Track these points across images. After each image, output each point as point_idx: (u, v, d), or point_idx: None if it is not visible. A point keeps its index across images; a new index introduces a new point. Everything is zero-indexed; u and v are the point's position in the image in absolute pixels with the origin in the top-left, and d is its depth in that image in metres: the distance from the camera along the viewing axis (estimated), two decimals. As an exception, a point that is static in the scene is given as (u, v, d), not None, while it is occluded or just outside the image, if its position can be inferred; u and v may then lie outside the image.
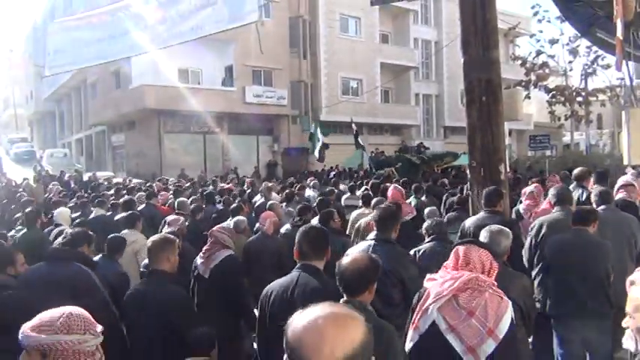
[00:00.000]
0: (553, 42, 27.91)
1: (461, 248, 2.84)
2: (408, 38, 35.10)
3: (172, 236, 4.02)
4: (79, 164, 33.14)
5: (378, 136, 31.77)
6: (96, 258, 4.72)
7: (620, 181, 5.86)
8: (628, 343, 2.03)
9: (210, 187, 14.33)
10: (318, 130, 20.96)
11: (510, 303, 2.72)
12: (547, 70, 28.30)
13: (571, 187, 6.15)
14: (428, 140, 34.87)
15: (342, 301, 2.57)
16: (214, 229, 4.81)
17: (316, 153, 20.50)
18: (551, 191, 5.06)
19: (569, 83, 28.73)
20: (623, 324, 2.06)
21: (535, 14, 27.79)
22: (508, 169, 5.55)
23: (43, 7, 43.90)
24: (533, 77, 27.74)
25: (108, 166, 31.30)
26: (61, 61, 10.13)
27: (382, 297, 3.38)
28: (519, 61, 28.39)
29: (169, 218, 6.06)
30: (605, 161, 21.02)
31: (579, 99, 28.06)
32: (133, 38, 9.13)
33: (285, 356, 1.31)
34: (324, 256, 3.15)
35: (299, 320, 1.32)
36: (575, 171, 6.53)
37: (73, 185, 18.69)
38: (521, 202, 6.11)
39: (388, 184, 9.07)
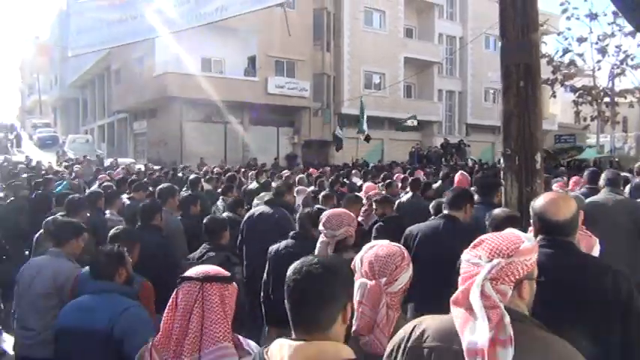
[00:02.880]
0: (581, 40, 27.36)
1: None
2: (432, 33, 34.66)
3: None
4: (100, 150, 33.36)
5: (400, 132, 31.40)
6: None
7: None
8: None
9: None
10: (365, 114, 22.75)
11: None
12: (574, 69, 27.78)
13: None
14: (449, 137, 34.49)
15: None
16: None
17: (364, 127, 22.47)
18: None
19: (596, 83, 28.13)
20: None
21: (564, 11, 27.27)
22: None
23: (69, -6, 44.23)
24: (559, 76, 27.23)
25: (129, 153, 31.46)
26: (84, 41, 10.05)
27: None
28: (545, 59, 27.83)
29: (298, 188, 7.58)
30: (631, 164, 20.52)
31: (606, 99, 27.50)
32: (155, 19, 9.00)
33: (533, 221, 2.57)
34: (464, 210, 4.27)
35: (541, 200, 2.58)
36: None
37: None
38: None
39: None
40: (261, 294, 4.48)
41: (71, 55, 10.59)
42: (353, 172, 14.79)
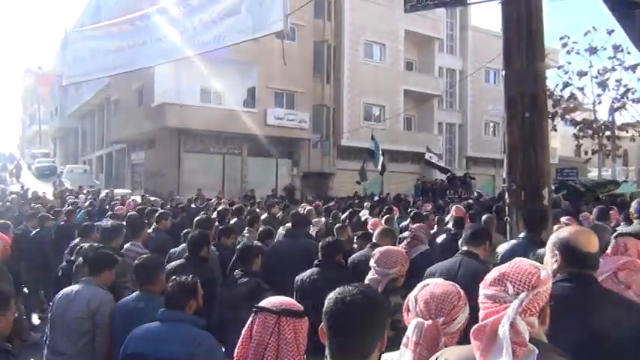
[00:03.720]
0: (581, 74, 27.38)
1: (620, 239, 3.42)
2: (432, 66, 34.78)
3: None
4: (97, 181, 33.09)
5: (400, 164, 31.24)
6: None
7: None
8: None
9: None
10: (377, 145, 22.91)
11: None
12: (574, 103, 27.74)
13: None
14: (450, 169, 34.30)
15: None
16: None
17: (379, 166, 22.28)
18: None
19: (596, 117, 28.07)
20: None
21: (564, 45, 27.38)
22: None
23: (72, 23, 44.64)
24: (559, 110, 27.17)
25: (126, 184, 31.19)
26: (79, 70, 9.91)
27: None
28: (546, 93, 27.83)
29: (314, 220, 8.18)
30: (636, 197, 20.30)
31: (607, 133, 27.39)
32: (152, 48, 8.85)
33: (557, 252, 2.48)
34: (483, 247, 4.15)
35: (568, 231, 2.57)
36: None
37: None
38: None
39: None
40: None
41: (65, 83, 10.45)
42: (365, 204, 14.52)
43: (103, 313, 3.98)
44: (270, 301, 2.17)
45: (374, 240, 5.62)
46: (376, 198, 20.24)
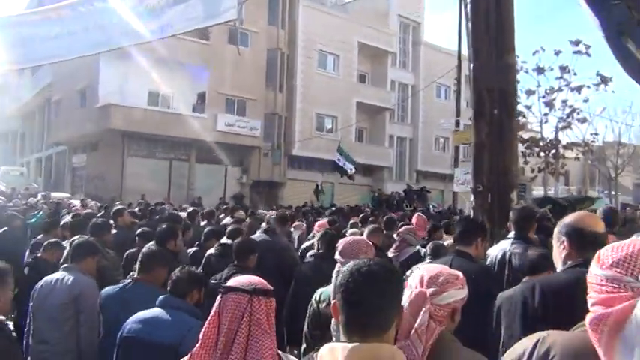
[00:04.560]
0: (529, 93, 27.93)
1: None
2: (385, 80, 34.93)
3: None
4: (35, 184, 31.44)
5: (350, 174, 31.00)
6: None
7: None
8: None
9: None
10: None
11: None
12: (522, 122, 28.25)
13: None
14: (400, 183, 34.38)
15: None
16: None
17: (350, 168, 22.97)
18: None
19: (543, 135, 28.67)
20: None
21: (513, 64, 27.86)
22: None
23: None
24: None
25: (66, 188, 29.71)
26: (11, 57, 9.10)
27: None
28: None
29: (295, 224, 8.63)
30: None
31: (553, 152, 27.99)
32: (94, 36, 8.17)
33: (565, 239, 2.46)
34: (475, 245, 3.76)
35: (573, 217, 2.54)
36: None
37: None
38: None
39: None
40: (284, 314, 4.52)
41: (-5, 71, 9.60)
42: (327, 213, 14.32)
43: (86, 297, 3.98)
44: (239, 281, 2.07)
45: (365, 238, 5.43)
46: (333, 209, 20.03)
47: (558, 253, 2.48)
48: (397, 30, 35.76)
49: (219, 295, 2.03)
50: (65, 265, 4.29)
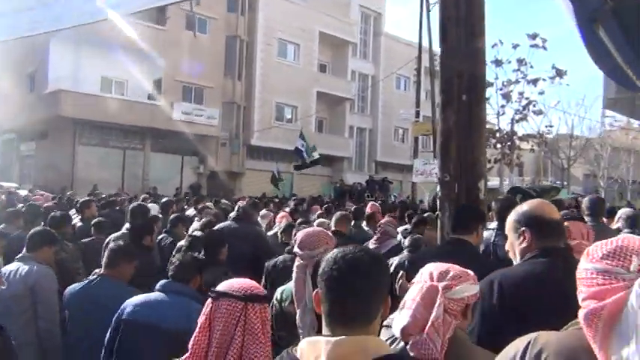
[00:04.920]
0: (488, 85, 28.15)
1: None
2: (345, 70, 34.77)
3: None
4: (-20, 173, 30.08)
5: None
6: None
7: None
8: None
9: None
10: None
11: None
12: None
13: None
14: (360, 174, 34.38)
15: None
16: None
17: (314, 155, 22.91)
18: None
19: (500, 127, 29.05)
20: None
21: (472, 56, 28.03)
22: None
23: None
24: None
25: (14, 177, 28.51)
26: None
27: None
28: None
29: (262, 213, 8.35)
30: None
31: (509, 143, 28.41)
32: (39, 14, 7.65)
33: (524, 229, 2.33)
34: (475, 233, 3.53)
35: (528, 205, 2.42)
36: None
37: None
38: None
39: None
40: None
41: None
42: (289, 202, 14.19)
43: (42, 287, 3.91)
44: (232, 285, 1.93)
45: (333, 227, 5.45)
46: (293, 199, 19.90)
47: (517, 244, 2.39)
48: (358, 20, 35.60)
49: (210, 301, 1.90)
50: (19, 255, 4.14)
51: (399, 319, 1.91)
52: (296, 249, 3.21)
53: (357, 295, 1.49)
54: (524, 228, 2.35)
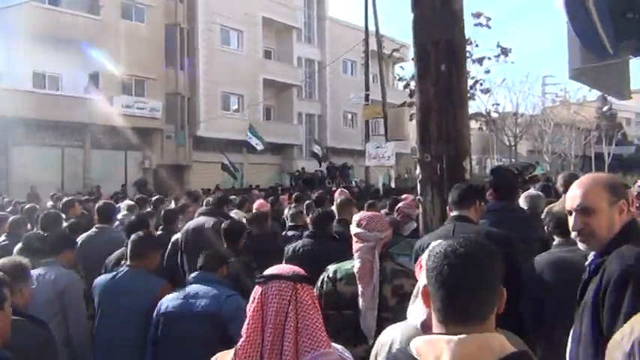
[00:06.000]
0: (434, 66, 28.18)
1: None
2: (291, 56, 34.13)
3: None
4: None
5: (258, 155, 30.06)
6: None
7: None
8: None
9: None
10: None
11: None
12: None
13: None
14: (310, 161, 33.99)
15: None
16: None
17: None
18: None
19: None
20: None
21: (418, 37, 27.92)
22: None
23: None
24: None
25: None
26: None
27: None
28: (403, 83, 28.29)
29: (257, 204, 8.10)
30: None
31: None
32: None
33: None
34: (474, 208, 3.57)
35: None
36: None
37: None
38: None
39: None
40: None
41: None
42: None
43: (71, 293, 4.00)
44: (280, 269, 1.97)
45: (337, 216, 5.50)
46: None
47: (616, 217, 2.14)
48: (301, 4, 34.98)
49: (258, 286, 1.90)
50: (44, 260, 4.16)
51: (415, 311, 1.94)
52: (360, 230, 3.16)
53: (471, 290, 1.43)
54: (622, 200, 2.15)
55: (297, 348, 1.80)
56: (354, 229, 3.19)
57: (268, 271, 1.95)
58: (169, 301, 3.42)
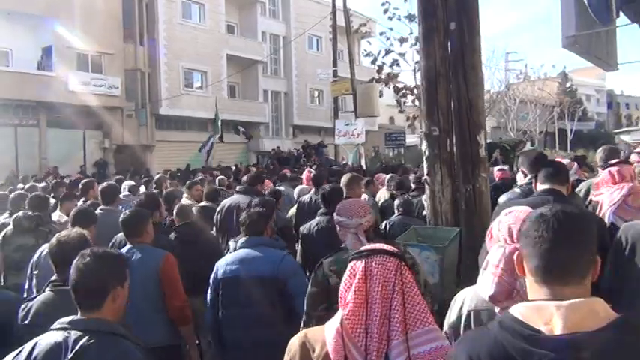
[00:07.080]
0: (402, 41, 27.60)
1: (613, 169, 3.48)
2: (255, 31, 33.01)
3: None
4: None
5: (225, 134, 29.18)
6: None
7: None
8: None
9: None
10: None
11: None
12: (395, 69, 28.02)
13: None
14: (277, 139, 33.29)
15: None
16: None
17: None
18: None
19: (417, 83, 28.66)
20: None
21: (385, 11, 27.29)
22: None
23: None
24: (382, 76, 27.27)
25: None
26: None
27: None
28: (370, 58, 27.70)
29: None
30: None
31: (425, 99, 28.20)
32: None
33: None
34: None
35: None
36: None
37: None
38: None
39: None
40: None
41: None
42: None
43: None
44: (382, 245, 1.94)
45: (345, 193, 5.24)
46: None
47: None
48: (264, -23, 33.87)
49: (358, 261, 1.87)
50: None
51: (484, 284, 2.00)
52: (341, 218, 3.12)
53: (574, 244, 1.44)
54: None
55: (405, 321, 1.80)
56: (335, 217, 3.16)
57: (369, 246, 1.94)
58: (226, 265, 3.62)
